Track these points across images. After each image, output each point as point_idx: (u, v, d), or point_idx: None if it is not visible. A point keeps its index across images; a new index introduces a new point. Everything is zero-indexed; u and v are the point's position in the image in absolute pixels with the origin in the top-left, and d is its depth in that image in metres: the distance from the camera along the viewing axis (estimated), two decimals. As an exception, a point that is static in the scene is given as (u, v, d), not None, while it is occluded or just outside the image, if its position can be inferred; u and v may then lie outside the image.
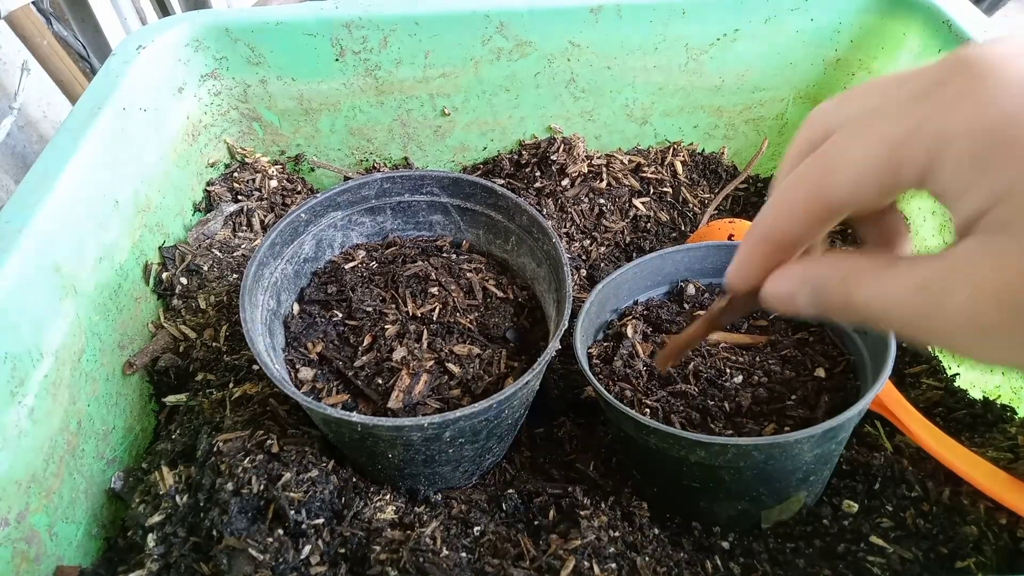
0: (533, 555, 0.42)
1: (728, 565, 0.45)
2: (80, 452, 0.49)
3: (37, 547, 0.44)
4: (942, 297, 0.27)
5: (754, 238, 0.35)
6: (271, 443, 0.47)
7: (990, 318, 0.26)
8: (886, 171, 0.29)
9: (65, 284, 0.50)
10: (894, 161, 0.29)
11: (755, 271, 0.36)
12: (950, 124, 0.27)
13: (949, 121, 0.27)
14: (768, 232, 0.34)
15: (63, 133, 0.55)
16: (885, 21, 0.72)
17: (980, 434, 0.52)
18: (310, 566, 0.41)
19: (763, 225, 0.34)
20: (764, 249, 0.35)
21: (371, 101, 0.75)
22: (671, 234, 0.75)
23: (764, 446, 0.40)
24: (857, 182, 0.30)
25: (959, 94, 0.27)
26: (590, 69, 0.74)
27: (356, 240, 0.58)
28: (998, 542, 0.43)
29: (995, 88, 0.26)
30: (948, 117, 0.27)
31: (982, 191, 0.26)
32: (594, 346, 0.53)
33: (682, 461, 0.43)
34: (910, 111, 0.28)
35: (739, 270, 0.37)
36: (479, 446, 0.47)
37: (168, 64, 0.67)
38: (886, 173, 0.29)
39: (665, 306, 0.55)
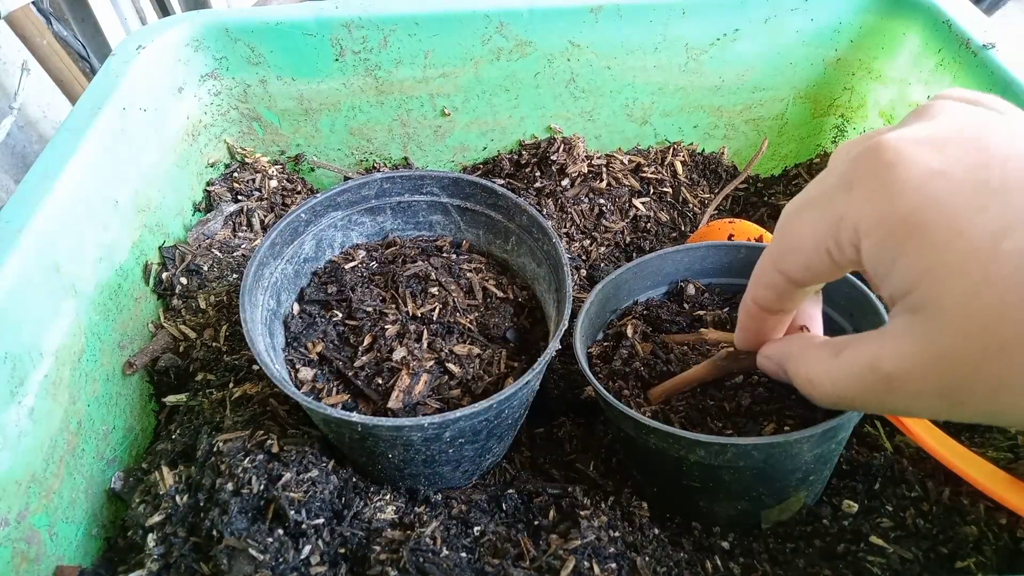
0: (533, 555, 0.42)
1: (728, 565, 0.45)
2: (80, 452, 0.49)
3: (37, 547, 0.44)
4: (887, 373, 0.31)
5: (743, 308, 0.41)
6: (271, 443, 0.47)
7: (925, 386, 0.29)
8: (825, 254, 0.33)
9: (65, 284, 0.50)
10: (828, 247, 0.32)
11: (753, 334, 0.42)
12: (864, 220, 0.30)
13: (862, 218, 0.30)
14: (750, 303, 0.40)
15: (63, 133, 0.55)
16: (885, 21, 0.72)
17: (980, 434, 0.52)
18: (310, 566, 0.41)
19: (747, 296, 0.40)
20: (752, 316, 0.41)
21: (371, 101, 0.75)
22: (671, 234, 0.75)
23: (764, 446, 0.40)
24: (806, 263, 0.34)
25: (870, 192, 0.30)
26: (590, 69, 0.74)
27: (356, 240, 0.58)
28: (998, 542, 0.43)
29: (900, 183, 0.28)
30: (863, 211, 0.30)
31: (899, 276, 0.29)
32: (594, 346, 0.53)
33: (682, 461, 0.43)
34: (836, 205, 0.32)
35: (739, 333, 0.43)
36: (479, 446, 0.47)
37: (168, 64, 0.67)
38: (825, 255, 0.33)
39: (665, 306, 0.55)
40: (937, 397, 0.29)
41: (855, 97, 0.77)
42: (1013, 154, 0.27)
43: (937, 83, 0.67)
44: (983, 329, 0.26)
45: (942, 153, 0.28)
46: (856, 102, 0.78)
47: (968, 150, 0.28)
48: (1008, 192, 0.26)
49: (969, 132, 0.29)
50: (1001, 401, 0.27)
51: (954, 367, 0.28)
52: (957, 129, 0.29)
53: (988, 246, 0.26)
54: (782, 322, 0.41)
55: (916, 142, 0.29)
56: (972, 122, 0.29)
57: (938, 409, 0.30)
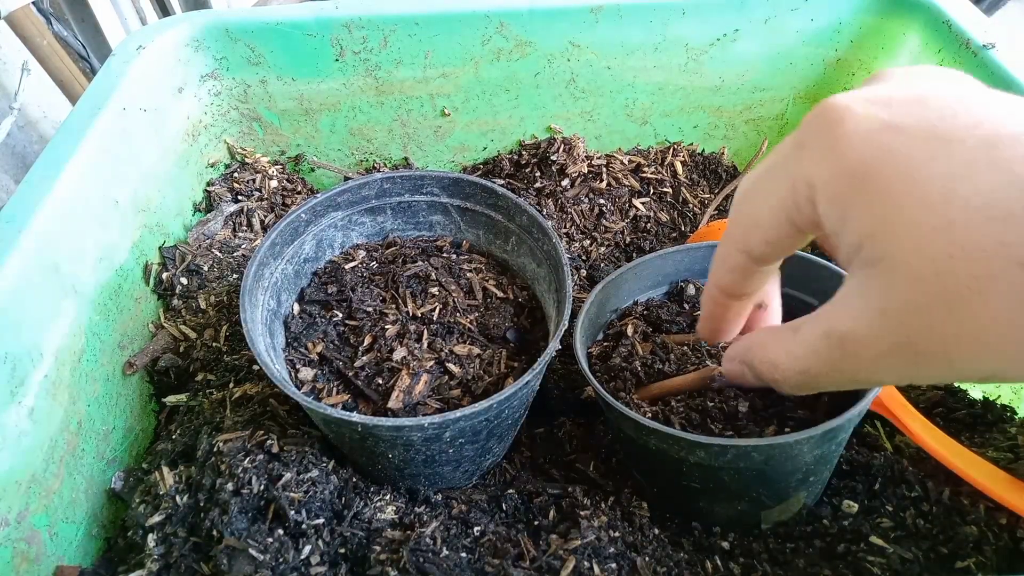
0: (533, 555, 0.42)
1: (728, 565, 0.45)
2: (80, 452, 0.49)
3: (37, 547, 0.44)
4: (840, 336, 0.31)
5: (706, 296, 0.41)
6: (271, 443, 0.47)
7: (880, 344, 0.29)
8: (785, 221, 0.33)
9: (65, 284, 0.50)
10: (788, 212, 0.32)
11: (716, 323, 0.41)
12: (817, 175, 0.30)
13: (815, 173, 0.30)
14: (714, 290, 0.39)
15: (63, 133, 0.55)
16: (885, 21, 0.72)
17: (980, 434, 0.52)
18: (310, 566, 0.41)
19: (709, 284, 0.40)
20: (716, 302, 0.40)
21: (371, 101, 0.75)
22: (671, 234, 0.75)
23: (764, 447, 0.40)
24: (768, 237, 0.34)
25: (821, 148, 0.30)
26: (590, 69, 0.74)
27: (356, 240, 0.58)
28: (998, 542, 0.43)
29: (849, 136, 0.29)
30: (814, 169, 0.30)
31: (852, 230, 0.29)
32: (594, 346, 0.53)
33: (682, 462, 0.43)
34: (790, 167, 0.32)
35: (702, 323, 0.42)
36: (479, 446, 0.47)
37: (168, 64, 0.67)
38: (785, 223, 0.33)
39: (665, 306, 0.55)
40: (894, 356, 0.29)
41: (855, 97, 0.77)
42: (960, 109, 0.28)
43: (937, 83, 0.67)
44: (936, 276, 0.26)
45: (890, 108, 0.29)
46: (856, 102, 0.78)
47: (916, 105, 0.28)
48: (956, 142, 0.27)
49: (917, 91, 0.29)
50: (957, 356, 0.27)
51: (907, 320, 0.28)
52: (905, 89, 0.30)
53: (939, 193, 0.26)
54: (744, 308, 0.41)
55: (864, 99, 0.30)
56: (919, 83, 0.30)
57: (899, 370, 0.29)
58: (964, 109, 0.28)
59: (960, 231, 0.26)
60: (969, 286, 0.26)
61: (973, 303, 0.26)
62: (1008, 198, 0.25)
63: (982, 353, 0.27)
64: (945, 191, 0.26)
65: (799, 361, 0.34)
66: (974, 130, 0.27)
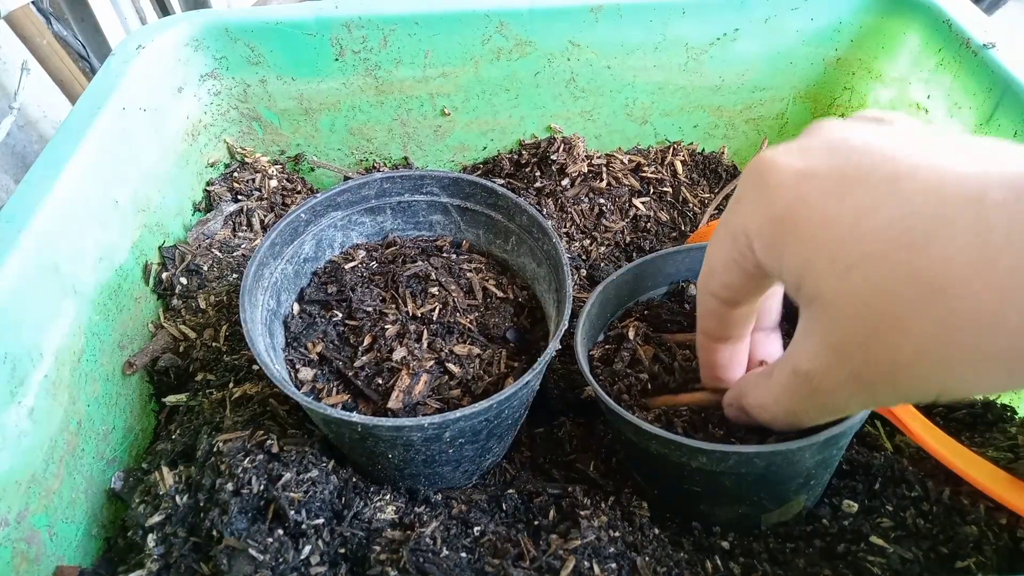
0: (533, 555, 0.42)
1: (728, 565, 0.45)
2: (80, 452, 0.49)
3: (37, 547, 0.44)
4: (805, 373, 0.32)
5: (697, 344, 0.43)
6: (271, 443, 0.47)
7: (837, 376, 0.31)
8: (735, 266, 0.35)
9: (65, 284, 0.50)
10: (735, 260, 0.35)
11: (713, 369, 0.43)
12: (752, 223, 0.33)
13: (750, 223, 0.33)
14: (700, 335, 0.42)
15: (63, 133, 0.55)
16: (885, 21, 0.72)
17: (980, 434, 0.52)
18: (310, 566, 0.41)
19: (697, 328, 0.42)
20: (705, 348, 0.43)
21: (371, 101, 0.75)
22: (671, 234, 0.75)
23: (766, 453, 0.40)
24: (725, 281, 0.36)
25: (753, 200, 0.33)
26: (590, 69, 0.74)
27: (356, 240, 0.58)
28: (998, 542, 0.43)
29: (773, 187, 0.31)
30: (749, 220, 0.33)
31: (788, 271, 0.31)
32: (595, 348, 0.53)
33: (683, 467, 0.43)
34: (731, 219, 0.34)
35: (702, 370, 0.45)
36: (479, 446, 0.47)
37: (168, 64, 0.67)
38: (736, 268, 0.35)
39: (665, 306, 0.55)
40: (851, 385, 0.30)
41: (855, 97, 0.77)
42: (868, 149, 0.29)
43: (937, 83, 0.67)
44: (863, 310, 0.28)
45: (808, 156, 0.31)
46: (856, 102, 0.78)
47: (831, 151, 0.31)
48: (863, 180, 0.28)
49: (833, 137, 0.31)
50: (900, 381, 0.28)
51: (850, 353, 0.29)
52: (823, 137, 0.32)
53: (851, 230, 0.28)
54: (736, 352, 0.43)
55: (786, 152, 0.32)
56: (838, 130, 0.32)
57: (860, 398, 0.31)
58: (873, 148, 0.29)
59: (874, 265, 0.27)
60: (892, 315, 0.27)
61: (898, 332, 0.27)
62: (913, 227, 0.26)
63: (918, 376, 0.28)
64: (856, 227, 0.28)
65: (780, 403, 0.36)
66: (878, 168, 0.28)
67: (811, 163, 0.30)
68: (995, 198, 0.25)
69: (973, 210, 0.25)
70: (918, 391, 0.28)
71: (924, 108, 0.69)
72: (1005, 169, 0.25)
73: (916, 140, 0.29)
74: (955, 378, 0.27)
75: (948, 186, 0.26)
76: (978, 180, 0.25)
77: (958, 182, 0.26)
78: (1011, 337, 0.24)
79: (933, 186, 0.26)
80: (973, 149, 0.27)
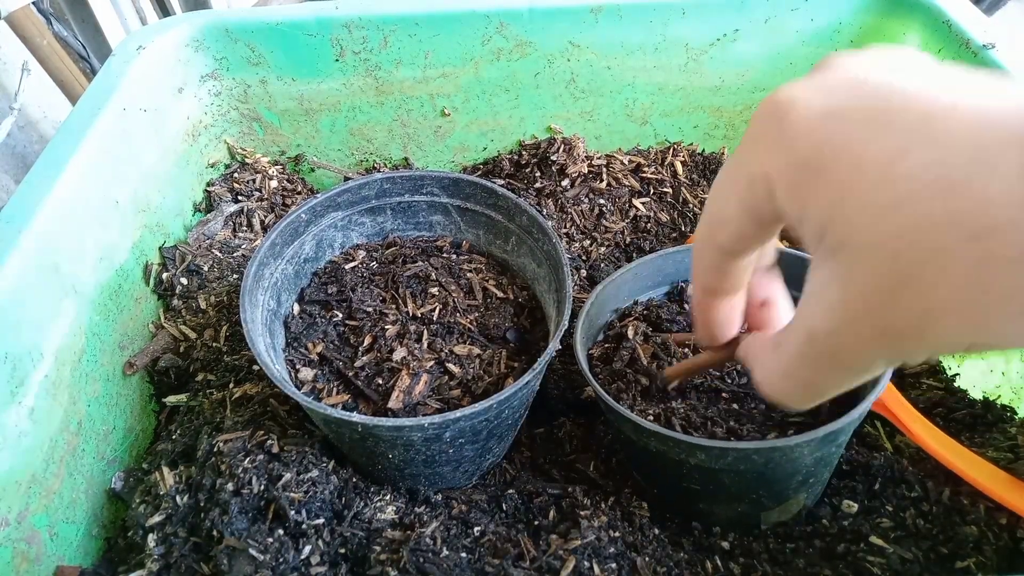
0: (533, 555, 0.42)
1: (728, 565, 0.45)
2: (80, 452, 0.49)
3: (37, 547, 0.44)
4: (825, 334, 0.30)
5: (692, 301, 0.41)
6: (271, 443, 0.47)
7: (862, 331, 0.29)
8: (750, 215, 0.33)
9: (65, 284, 0.50)
10: (751, 207, 0.33)
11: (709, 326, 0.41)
12: (771, 167, 0.31)
13: (770, 164, 0.31)
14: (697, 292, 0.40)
15: (63, 133, 0.55)
16: (885, 21, 0.72)
17: (980, 434, 0.52)
18: (310, 566, 0.41)
19: (692, 286, 0.40)
20: (702, 306, 0.40)
21: (371, 101, 0.75)
22: (671, 234, 0.75)
23: (764, 450, 0.40)
24: (737, 231, 0.34)
25: (771, 141, 0.31)
26: (590, 69, 0.74)
27: (356, 240, 0.58)
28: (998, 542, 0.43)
29: (795, 127, 0.30)
30: (769, 163, 0.31)
31: (812, 219, 0.29)
32: (595, 347, 0.53)
33: (682, 464, 0.43)
34: (746, 162, 0.33)
35: (696, 327, 0.42)
36: (479, 446, 0.47)
37: (168, 64, 0.67)
38: (750, 217, 0.33)
39: (665, 306, 0.55)
40: (877, 344, 0.29)
41: (855, 97, 0.77)
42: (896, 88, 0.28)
43: (937, 83, 0.67)
44: (894, 256, 0.27)
45: (831, 95, 0.29)
46: (856, 102, 0.78)
47: (853, 89, 0.29)
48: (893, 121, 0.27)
49: (856, 74, 0.30)
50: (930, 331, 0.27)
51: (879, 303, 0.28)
52: (844, 73, 0.30)
53: (883, 173, 0.27)
54: (733, 306, 0.40)
55: (806, 89, 0.31)
56: (859, 66, 0.30)
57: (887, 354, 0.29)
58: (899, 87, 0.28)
59: (908, 208, 0.26)
60: (926, 261, 0.26)
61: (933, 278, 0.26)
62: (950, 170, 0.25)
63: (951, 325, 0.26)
64: (888, 170, 0.26)
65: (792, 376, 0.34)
66: (910, 106, 0.27)
67: (834, 102, 0.29)
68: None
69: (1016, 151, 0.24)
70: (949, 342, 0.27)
71: (924, 108, 0.69)
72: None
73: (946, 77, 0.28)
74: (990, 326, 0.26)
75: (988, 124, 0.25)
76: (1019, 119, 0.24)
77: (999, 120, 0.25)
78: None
79: (971, 124, 0.25)
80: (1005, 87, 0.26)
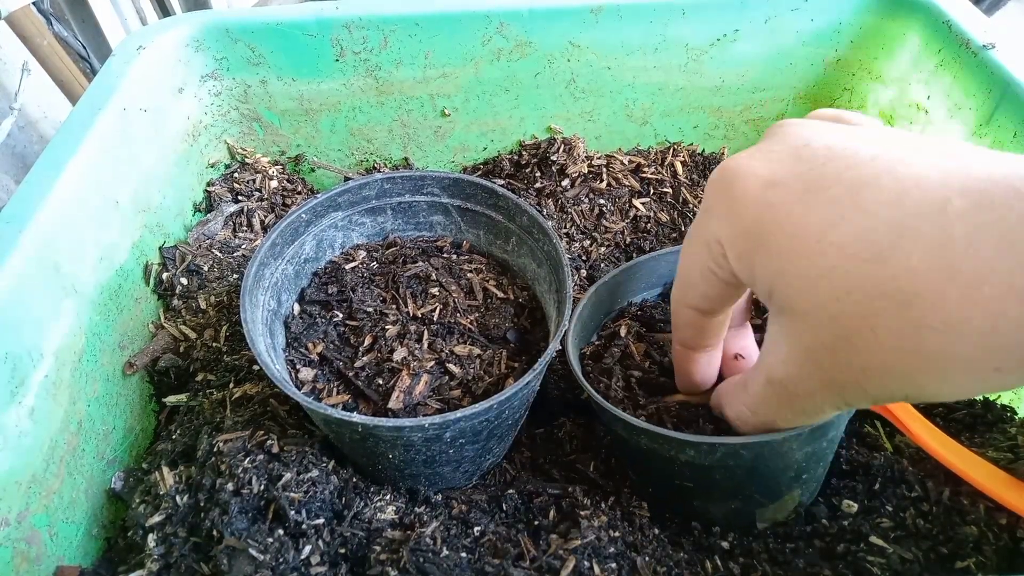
0: (533, 555, 0.42)
1: (728, 565, 0.45)
2: (80, 452, 0.49)
3: (37, 547, 0.44)
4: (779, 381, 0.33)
5: (673, 354, 0.44)
6: (271, 443, 0.47)
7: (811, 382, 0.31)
8: (712, 276, 0.35)
9: (65, 284, 0.50)
10: (711, 269, 0.35)
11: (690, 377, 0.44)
12: (722, 234, 0.33)
13: (721, 232, 0.33)
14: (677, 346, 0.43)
15: (63, 133, 0.55)
16: (885, 21, 0.72)
17: (980, 434, 0.52)
18: (310, 566, 0.41)
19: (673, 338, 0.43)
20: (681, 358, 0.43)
21: (371, 101, 0.75)
22: (671, 235, 0.75)
23: (752, 444, 0.40)
24: (703, 292, 0.37)
25: (721, 210, 0.33)
26: (590, 69, 0.74)
27: (356, 240, 0.58)
28: (998, 542, 0.43)
29: (740, 197, 0.31)
30: (719, 228, 0.33)
31: (760, 282, 0.31)
32: (587, 348, 0.53)
33: (673, 461, 0.43)
34: (702, 230, 0.35)
35: (678, 378, 0.45)
36: (479, 446, 0.47)
37: (168, 64, 0.67)
38: (712, 278, 0.35)
39: (659, 307, 0.55)
40: (826, 391, 0.31)
41: (855, 97, 0.77)
42: (831, 155, 0.29)
43: (937, 83, 0.67)
44: (831, 319, 0.28)
45: (773, 164, 0.31)
46: (856, 103, 0.78)
47: (795, 157, 0.30)
48: (827, 189, 0.28)
49: (797, 142, 0.31)
50: (868, 385, 0.29)
51: (821, 359, 0.30)
52: (787, 141, 0.32)
53: (816, 242, 0.28)
54: (713, 359, 0.43)
55: (750, 158, 0.32)
56: (799, 134, 0.32)
57: (834, 401, 0.31)
58: (832, 156, 0.29)
59: (841, 276, 0.27)
60: (860, 326, 0.27)
61: (866, 340, 0.27)
62: (876, 240, 0.27)
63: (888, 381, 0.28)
64: (822, 238, 0.28)
65: (759, 413, 0.36)
66: (840, 178, 0.28)
67: (776, 170, 0.31)
68: (956, 207, 0.25)
69: (936, 220, 0.25)
70: (887, 394, 0.29)
71: (924, 109, 0.69)
72: (969, 174, 0.26)
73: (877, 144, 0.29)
74: (923, 382, 0.27)
75: (910, 196, 0.26)
76: (939, 189, 0.26)
77: (919, 192, 0.26)
78: (978, 339, 0.25)
79: (895, 196, 0.27)
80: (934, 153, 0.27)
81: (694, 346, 0.41)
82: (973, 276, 0.24)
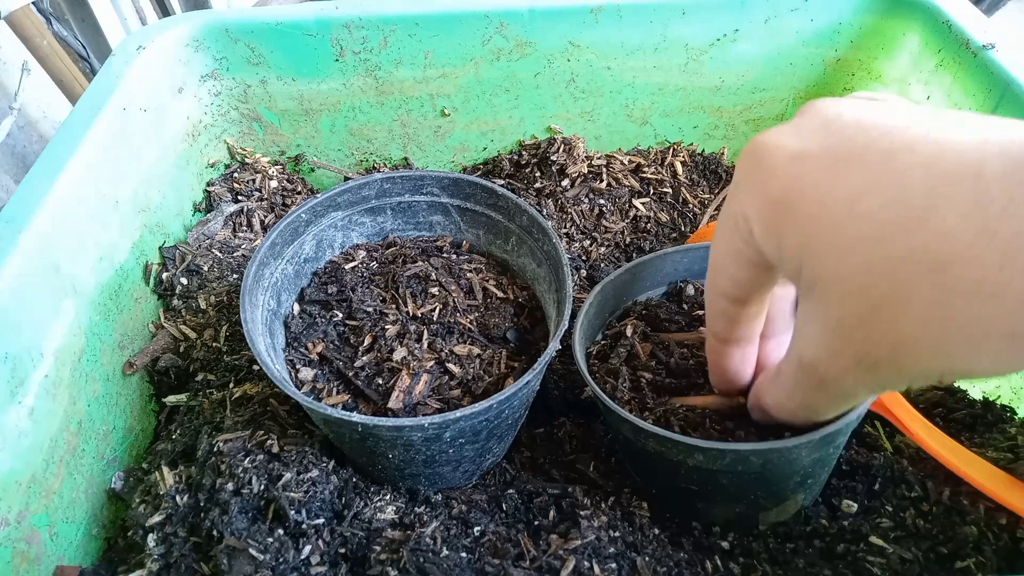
0: (533, 555, 0.42)
1: (728, 565, 0.45)
2: (80, 452, 0.49)
3: (37, 547, 0.44)
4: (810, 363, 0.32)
5: (708, 348, 0.43)
6: (271, 443, 0.47)
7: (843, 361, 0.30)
8: (740, 257, 0.34)
9: (65, 284, 0.50)
10: (739, 249, 0.34)
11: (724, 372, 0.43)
12: (750, 207, 0.32)
13: (749, 205, 0.32)
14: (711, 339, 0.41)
15: (63, 133, 0.55)
16: (885, 21, 0.72)
17: (980, 434, 0.52)
18: (310, 566, 0.41)
19: (707, 331, 0.42)
20: (717, 352, 0.42)
21: (371, 101, 0.75)
22: (671, 234, 0.76)
23: (762, 451, 0.40)
24: (732, 276, 0.36)
25: (750, 184, 0.32)
26: (590, 69, 0.74)
27: (356, 240, 0.58)
28: (998, 542, 0.43)
29: (768, 170, 0.31)
30: (748, 202, 0.32)
31: (787, 257, 0.31)
32: (593, 347, 0.53)
33: (679, 464, 0.43)
34: (731, 207, 0.34)
35: (713, 375, 0.44)
36: (479, 446, 0.47)
37: (168, 64, 0.67)
38: (741, 258, 0.34)
39: (664, 306, 0.55)
40: (858, 370, 0.30)
41: (855, 97, 0.77)
42: (863, 126, 0.29)
43: (937, 83, 0.67)
44: (861, 291, 0.28)
45: (802, 137, 0.31)
46: (856, 102, 0.78)
47: (825, 130, 0.30)
48: (858, 158, 0.28)
49: (828, 116, 0.31)
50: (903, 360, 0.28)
51: (852, 334, 0.29)
52: (818, 116, 0.31)
53: (846, 211, 0.28)
54: (747, 356, 0.42)
55: (779, 134, 0.32)
56: (832, 108, 0.31)
57: (868, 382, 0.30)
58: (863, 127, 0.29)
59: (871, 245, 0.27)
60: (891, 295, 0.27)
61: (898, 311, 0.27)
62: (909, 205, 0.26)
63: (920, 355, 0.27)
64: (851, 208, 0.27)
65: (794, 399, 0.36)
66: (873, 144, 0.28)
67: (806, 143, 0.30)
68: (993, 169, 0.24)
69: (971, 183, 0.25)
70: (922, 371, 0.28)
71: (924, 109, 0.69)
72: (1003, 139, 0.25)
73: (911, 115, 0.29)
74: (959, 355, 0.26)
75: (945, 159, 0.26)
76: (975, 152, 0.25)
77: (955, 155, 0.25)
78: (1017, 304, 0.24)
79: (929, 160, 0.26)
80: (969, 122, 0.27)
81: (727, 338, 0.40)
82: (1013, 238, 0.23)
